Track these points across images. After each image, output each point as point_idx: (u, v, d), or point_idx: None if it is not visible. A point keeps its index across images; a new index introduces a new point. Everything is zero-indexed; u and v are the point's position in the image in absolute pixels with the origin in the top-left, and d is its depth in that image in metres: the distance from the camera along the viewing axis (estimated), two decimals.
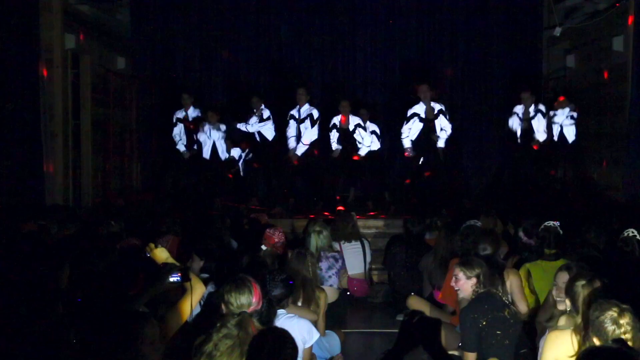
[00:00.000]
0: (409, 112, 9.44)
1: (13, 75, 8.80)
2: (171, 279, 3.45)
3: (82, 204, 9.99)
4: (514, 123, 9.87)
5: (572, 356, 3.37)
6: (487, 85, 12.15)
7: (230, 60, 12.32)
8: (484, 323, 4.27)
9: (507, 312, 4.33)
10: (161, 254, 3.79)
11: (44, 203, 8.74)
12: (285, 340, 3.19)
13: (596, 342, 3.24)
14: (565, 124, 9.81)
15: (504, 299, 4.45)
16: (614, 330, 3.16)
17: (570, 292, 3.69)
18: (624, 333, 3.16)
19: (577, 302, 3.62)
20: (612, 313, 3.19)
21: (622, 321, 3.16)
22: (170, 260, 3.82)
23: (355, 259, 7.07)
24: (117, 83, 11.60)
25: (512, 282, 5.13)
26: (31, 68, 8.90)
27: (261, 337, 3.20)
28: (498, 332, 4.25)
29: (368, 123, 10.04)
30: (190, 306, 3.54)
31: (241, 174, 10.50)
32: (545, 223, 5.60)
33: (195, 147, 10.27)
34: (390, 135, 10.99)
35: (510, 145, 10.10)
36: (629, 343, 3.15)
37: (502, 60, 12.17)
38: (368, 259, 7.20)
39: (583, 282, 3.67)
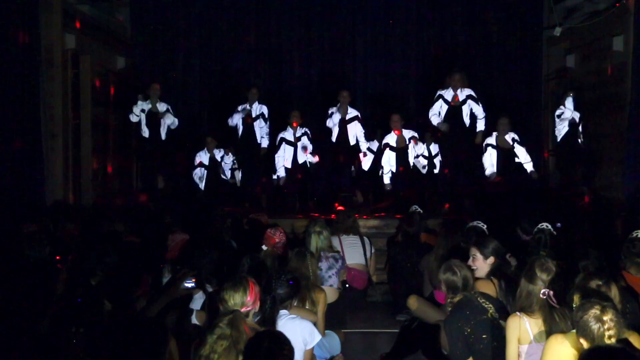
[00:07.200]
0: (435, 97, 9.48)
1: (13, 75, 8.80)
2: (185, 285, 3.39)
3: (82, 203, 9.99)
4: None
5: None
6: (487, 84, 12.15)
7: (230, 60, 12.33)
8: (469, 330, 4.23)
9: (490, 314, 4.28)
10: None
11: (44, 203, 8.74)
12: (282, 343, 3.18)
13: (584, 343, 3.23)
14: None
15: (482, 302, 4.36)
16: (599, 328, 3.17)
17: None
18: (608, 329, 3.17)
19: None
20: (595, 311, 3.20)
21: (605, 318, 3.17)
22: None
23: (354, 250, 7.09)
24: (117, 83, 11.60)
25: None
26: (31, 68, 8.90)
27: (257, 340, 3.19)
28: (484, 335, 4.21)
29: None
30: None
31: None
32: (539, 225, 5.76)
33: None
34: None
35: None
36: (614, 339, 3.15)
37: (502, 60, 12.18)
38: (368, 254, 7.20)
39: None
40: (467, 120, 9.38)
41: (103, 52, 11.08)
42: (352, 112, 9.86)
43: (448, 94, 9.39)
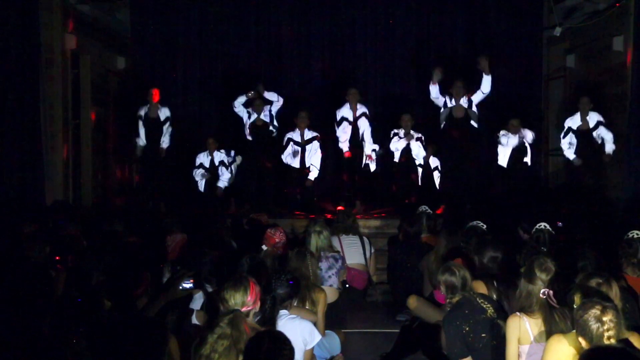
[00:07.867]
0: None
1: (13, 75, 8.80)
2: (184, 286, 3.39)
3: (82, 203, 9.99)
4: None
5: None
6: None
7: (230, 60, 12.33)
8: (467, 329, 4.23)
9: (488, 313, 4.28)
10: None
11: (44, 203, 8.74)
12: (282, 343, 3.18)
13: (582, 342, 3.24)
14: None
15: (481, 302, 4.36)
16: (598, 328, 3.18)
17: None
18: (607, 330, 3.17)
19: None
20: (595, 311, 3.20)
21: (605, 318, 3.17)
22: None
23: (353, 250, 7.12)
24: (117, 83, 11.59)
25: None
26: (31, 68, 8.90)
27: (258, 340, 3.19)
28: (483, 334, 4.21)
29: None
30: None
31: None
32: (538, 225, 5.85)
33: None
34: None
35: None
36: (613, 340, 3.16)
37: (502, 60, 12.16)
38: (368, 254, 7.21)
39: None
40: (474, 123, 9.39)
41: (103, 52, 11.08)
42: (360, 109, 9.79)
43: (452, 104, 9.40)
